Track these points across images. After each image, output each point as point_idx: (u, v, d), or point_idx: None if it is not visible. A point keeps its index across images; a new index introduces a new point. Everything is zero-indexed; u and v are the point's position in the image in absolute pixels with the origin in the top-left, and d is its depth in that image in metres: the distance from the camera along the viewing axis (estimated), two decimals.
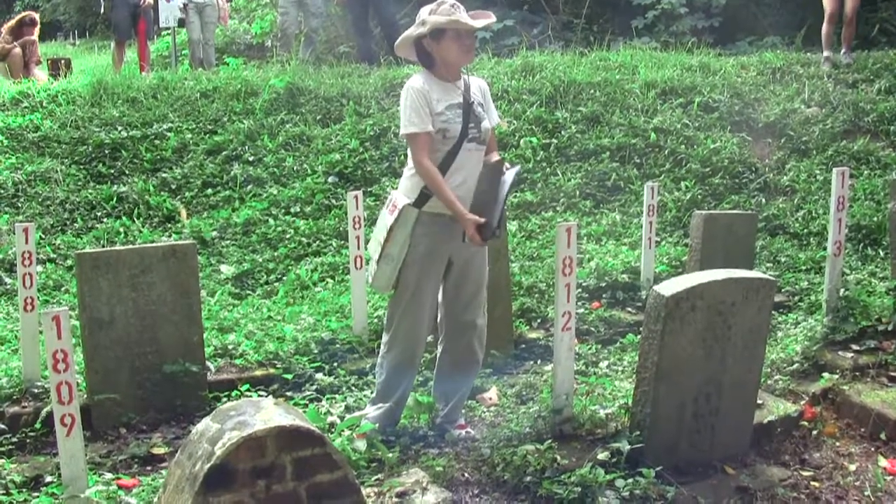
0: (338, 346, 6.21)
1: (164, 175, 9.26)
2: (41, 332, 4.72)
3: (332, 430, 4.54)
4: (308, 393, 5.54)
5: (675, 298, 4.18)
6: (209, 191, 9.16)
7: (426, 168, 4.45)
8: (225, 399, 5.22)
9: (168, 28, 13.77)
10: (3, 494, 4.25)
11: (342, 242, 8.14)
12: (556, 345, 4.56)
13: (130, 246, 7.08)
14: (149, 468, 4.68)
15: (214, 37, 13.65)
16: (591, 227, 8.70)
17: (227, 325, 6.64)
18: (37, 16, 13.91)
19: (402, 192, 4.63)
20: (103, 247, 7.85)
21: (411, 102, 4.49)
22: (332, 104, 10.50)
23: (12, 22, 13.68)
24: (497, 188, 4.51)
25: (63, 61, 14.88)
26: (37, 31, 13.71)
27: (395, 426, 4.81)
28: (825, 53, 11.56)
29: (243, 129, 9.90)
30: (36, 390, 5.38)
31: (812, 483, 4.48)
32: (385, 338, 4.76)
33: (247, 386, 5.58)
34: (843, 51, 11.57)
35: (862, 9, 11.71)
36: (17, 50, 13.06)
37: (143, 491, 4.09)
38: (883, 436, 4.95)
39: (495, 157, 4.63)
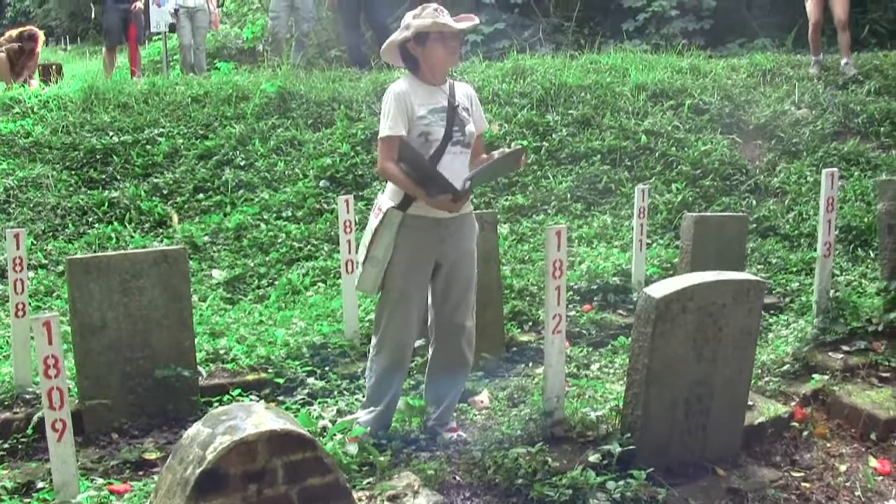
0: (329, 350, 6.20)
1: (155, 180, 9.26)
2: (32, 338, 4.72)
3: (324, 434, 4.54)
4: (300, 397, 5.54)
5: (666, 300, 4.20)
6: (201, 196, 9.16)
7: (388, 169, 4.53)
8: (217, 404, 5.21)
9: (159, 33, 13.76)
10: None
11: (334, 247, 8.14)
12: (546, 347, 4.57)
13: (121, 251, 7.08)
14: (141, 473, 4.68)
15: (205, 42, 13.64)
16: (582, 229, 8.72)
17: (218, 329, 6.63)
18: (40, 33, 13.85)
19: (386, 196, 4.66)
20: (95, 252, 7.84)
21: (390, 106, 4.54)
22: (324, 108, 10.51)
23: (14, 32, 13.66)
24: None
25: (54, 67, 14.89)
26: (39, 45, 13.65)
27: (387, 430, 4.81)
28: (814, 58, 11.58)
29: (234, 134, 9.90)
30: (27, 396, 5.36)
31: (803, 484, 4.50)
32: (373, 341, 4.77)
33: (238, 391, 5.56)
34: (844, 61, 11.46)
35: (852, 10, 11.70)
36: (2, 55, 13.03)
37: (134, 496, 4.09)
38: (873, 436, 4.98)
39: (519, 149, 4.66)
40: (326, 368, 5.95)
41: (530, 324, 6.81)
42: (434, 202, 4.47)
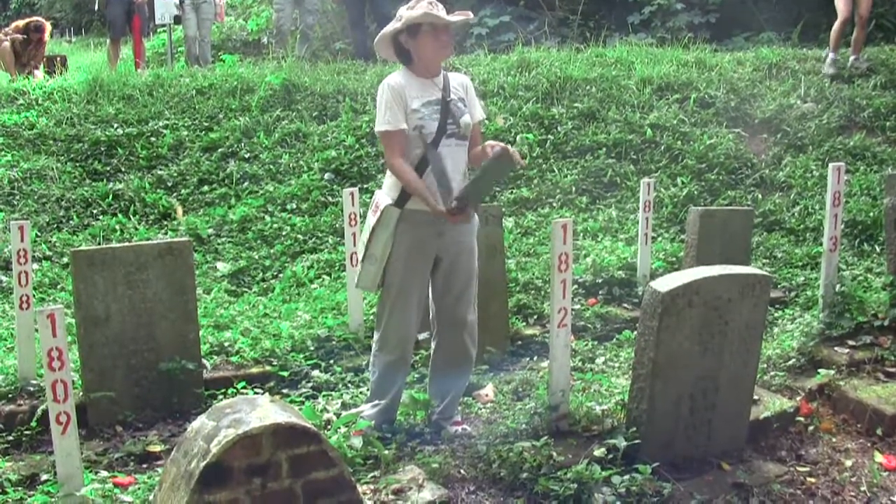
0: (334, 343, 6.21)
1: (160, 172, 9.25)
2: (37, 331, 4.72)
3: (329, 427, 4.53)
4: (304, 390, 5.55)
5: (672, 294, 4.18)
6: (205, 188, 9.15)
7: (396, 166, 4.52)
8: (221, 396, 5.22)
9: (164, 25, 13.74)
10: (0, 492, 4.26)
11: (338, 239, 8.13)
12: (552, 341, 4.56)
13: (126, 243, 7.07)
14: (145, 466, 4.68)
15: (210, 34, 13.62)
16: (587, 223, 8.71)
17: (223, 322, 6.63)
18: (47, 24, 13.84)
19: (384, 192, 4.66)
20: (99, 244, 7.84)
21: (385, 100, 4.54)
22: (328, 101, 10.49)
23: (20, 23, 13.65)
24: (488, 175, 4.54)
25: (59, 58, 14.87)
26: (46, 35, 13.64)
27: (392, 423, 4.80)
28: (831, 55, 11.32)
29: (239, 126, 9.89)
30: (31, 388, 5.37)
31: (808, 479, 4.48)
32: (375, 336, 4.79)
33: (243, 383, 5.58)
34: (853, 57, 11.36)
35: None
36: (7, 45, 13.01)
37: (139, 489, 4.08)
38: (879, 431, 4.95)
39: (498, 148, 4.54)
40: (331, 361, 5.95)
41: (535, 317, 6.80)
42: (436, 211, 4.44)
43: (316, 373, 5.76)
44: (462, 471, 4.28)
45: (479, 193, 4.65)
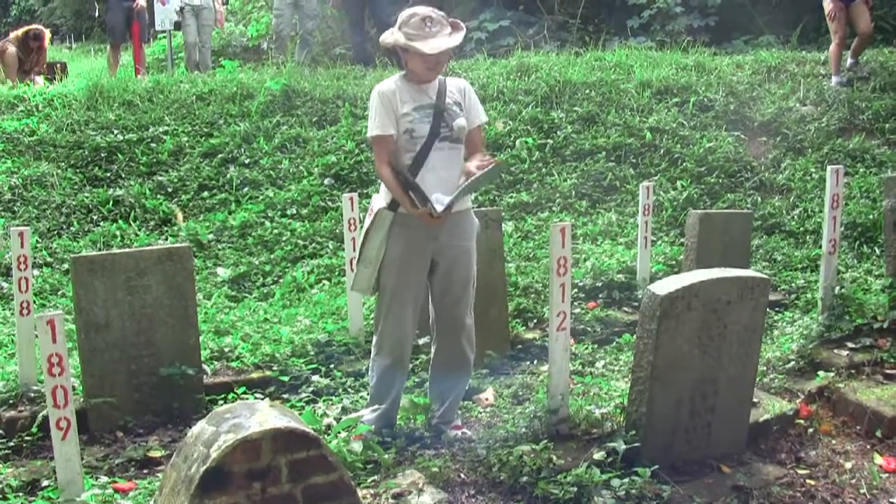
0: (334, 347, 6.21)
1: (160, 178, 9.26)
2: (37, 336, 4.72)
3: (329, 431, 4.54)
4: (304, 395, 5.54)
5: (671, 297, 4.19)
6: (205, 193, 9.16)
7: (381, 171, 4.56)
8: (221, 402, 5.23)
9: (164, 31, 13.78)
10: (0, 499, 4.25)
11: (338, 244, 8.14)
12: (551, 345, 4.57)
13: (126, 249, 7.08)
14: (145, 471, 4.68)
15: (210, 39, 13.65)
16: (587, 226, 8.71)
17: (223, 327, 6.63)
18: (46, 31, 13.86)
19: (380, 196, 4.70)
20: (100, 250, 7.85)
21: (375, 106, 4.58)
22: (328, 106, 10.51)
23: (19, 32, 13.67)
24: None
25: (59, 65, 14.90)
26: (45, 42, 13.66)
27: (392, 427, 4.81)
28: (835, 79, 11.20)
29: (239, 132, 9.90)
30: (32, 394, 5.36)
31: (808, 481, 4.48)
32: (373, 340, 4.80)
33: (243, 388, 5.57)
34: (851, 61, 11.34)
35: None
36: (12, 50, 13.03)
37: (139, 494, 4.09)
38: (878, 433, 4.95)
39: (492, 165, 4.57)
40: (331, 366, 5.95)
41: (535, 321, 6.80)
42: (416, 212, 4.48)
43: (316, 378, 5.76)
44: (462, 475, 4.28)
45: (466, 194, 4.69)
